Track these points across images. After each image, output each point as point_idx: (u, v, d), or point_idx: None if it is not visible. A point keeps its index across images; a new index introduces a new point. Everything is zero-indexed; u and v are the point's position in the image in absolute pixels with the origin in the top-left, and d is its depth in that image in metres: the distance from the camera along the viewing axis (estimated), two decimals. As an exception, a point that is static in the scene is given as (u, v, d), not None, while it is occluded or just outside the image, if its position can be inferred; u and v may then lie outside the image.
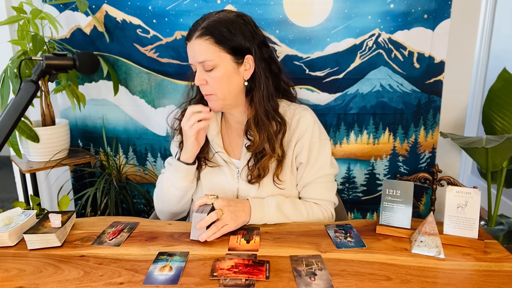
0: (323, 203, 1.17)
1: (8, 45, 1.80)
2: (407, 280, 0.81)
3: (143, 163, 1.97)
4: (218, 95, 1.07)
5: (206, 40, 1.02)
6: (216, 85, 1.05)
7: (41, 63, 1.02)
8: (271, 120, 1.10)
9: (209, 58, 1.02)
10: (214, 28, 1.02)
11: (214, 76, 1.04)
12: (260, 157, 1.11)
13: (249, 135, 1.13)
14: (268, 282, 0.80)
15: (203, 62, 1.03)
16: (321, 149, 1.15)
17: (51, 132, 1.70)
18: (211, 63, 1.03)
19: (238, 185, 1.16)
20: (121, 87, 1.87)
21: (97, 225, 1.09)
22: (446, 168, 1.83)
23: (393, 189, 1.02)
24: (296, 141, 1.13)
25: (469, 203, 0.96)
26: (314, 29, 1.70)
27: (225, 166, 1.16)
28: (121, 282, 0.82)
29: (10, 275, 0.85)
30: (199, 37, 1.03)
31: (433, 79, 1.73)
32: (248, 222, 1.06)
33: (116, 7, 1.75)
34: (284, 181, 1.14)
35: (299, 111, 1.15)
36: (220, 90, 1.06)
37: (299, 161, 1.15)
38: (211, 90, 1.07)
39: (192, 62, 1.07)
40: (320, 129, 1.16)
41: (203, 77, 1.05)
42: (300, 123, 1.13)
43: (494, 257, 0.90)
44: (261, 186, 1.13)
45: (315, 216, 1.14)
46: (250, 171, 1.12)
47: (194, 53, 1.04)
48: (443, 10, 1.65)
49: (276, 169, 1.12)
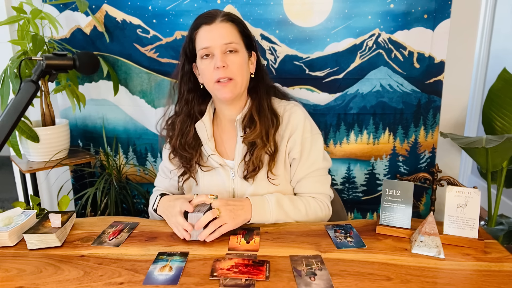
0: (319, 196, 1.17)
1: (8, 45, 1.80)
2: (407, 280, 0.81)
3: (143, 163, 1.97)
4: (237, 79, 1.08)
5: (232, 25, 1.08)
6: (237, 69, 1.07)
7: (41, 63, 1.02)
8: (270, 113, 1.14)
9: (234, 40, 1.07)
10: (236, 18, 1.09)
11: (236, 60, 1.07)
12: (253, 149, 1.12)
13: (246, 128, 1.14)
14: (268, 282, 0.80)
15: (230, 43, 1.05)
16: (313, 144, 1.16)
17: (51, 132, 1.70)
18: (236, 46, 1.07)
19: (233, 185, 1.17)
20: (121, 87, 1.87)
21: (97, 225, 1.09)
22: (446, 168, 1.83)
23: (393, 189, 1.02)
24: (288, 137, 1.15)
25: (469, 203, 0.96)
26: (314, 29, 1.70)
27: (220, 168, 1.17)
28: (121, 282, 0.82)
29: (10, 275, 0.85)
30: (225, 20, 1.06)
31: (433, 79, 1.73)
32: (249, 220, 1.06)
33: (116, 7, 1.75)
34: (278, 175, 1.15)
35: (290, 107, 1.17)
36: (240, 75, 1.08)
37: (292, 156, 1.16)
38: (231, 74, 1.06)
39: (213, 44, 1.05)
40: (311, 124, 1.18)
41: (225, 59, 1.06)
42: (291, 119, 1.15)
43: (494, 257, 0.90)
44: (255, 183, 1.14)
45: (312, 210, 1.14)
46: (246, 165, 1.13)
47: (220, 34, 1.05)
48: (443, 10, 1.65)
49: (269, 164, 1.13)
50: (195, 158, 1.17)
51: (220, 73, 1.05)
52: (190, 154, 1.17)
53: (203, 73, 1.10)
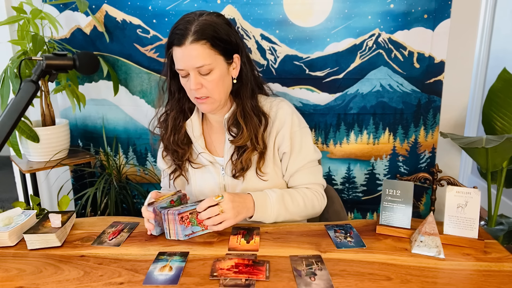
0: (313, 186, 1.19)
1: (8, 45, 1.80)
2: (407, 280, 0.81)
3: (143, 163, 1.97)
4: (215, 97, 1.08)
5: (203, 45, 1.00)
6: (213, 88, 1.06)
7: (41, 63, 1.02)
8: (255, 114, 1.13)
9: (207, 62, 1.02)
10: (207, 32, 1.01)
11: (211, 79, 1.04)
12: (242, 151, 1.12)
13: (231, 131, 1.14)
14: (268, 282, 0.80)
15: (201, 67, 1.02)
16: (303, 137, 1.17)
17: (51, 132, 1.70)
18: (209, 67, 1.02)
19: (224, 182, 1.18)
20: (121, 87, 1.87)
21: (97, 225, 1.09)
22: (446, 168, 1.83)
23: (393, 189, 1.02)
24: (276, 132, 1.15)
25: (469, 203, 0.96)
26: (314, 29, 1.70)
27: (210, 165, 1.18)
28: (121, 282, 0.82)
29: (10, 275, 0.85)
30: (194, 41, 0.99)
31: (433, 79, 1.73)
32: (250, 217, 1.06)
33: (116, 7, 1.75)
34: (267, 173, 1.15)
35: (276, 103, 1.17)
36: (217, 92, 1.07)
37: (282, 151, 1.16)
38: (207, 93, 1.06)
39: (185, 67, 1.02)
40: (298, 118, 1.18)
41: (199, 81, 1.04)
42: (278, 115, 1.15)
43: (494, 257, 0.90)
44: (245, 180, 1.15)
45: (309, 201, 1.15)
46: (234, 165, 1.14)
47: (190, 58, 1.01)
48: (443, 10, 1.65)
49: (258, 162, 1.14)
50: (187, 154, 1.18)
51: (197, 93, 1.06)
52: (183, 150, 1.18)
53: (184, 87, 1.10)
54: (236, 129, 1.14)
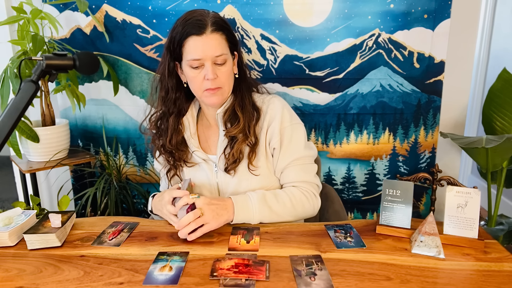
0: (302, 184, 1.16)
1: (8, 45, 1.80)
2: (407, 280, 0.81)
3: (143, 163, 1.97)
4: (226, 88, 1.11)
5: (221, 35, 1.06)
6: (226, 79, 1.09)
7: (41, 63, 1.02)
8: (251, 107, 1.15)
9: (224, 52, 1.07)
10: (223, 25, 1.07)
11: (225, 70, 1.08)
12: (234, 143, 1.14)
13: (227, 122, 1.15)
14: (268, 282, 0.80)
15: (220, 56, 1.05)
16: (294, 133, 1.16)
17: (51, 132, 1.70)
18: (225, 57, 1.07)
19: (217, 180, 1.19)
20: (121, 87, 1.87)
21: (97, 225, 1.09)
22: (446, 168, 1.83)
23: (393, 189, 1.02)
24: (267, 127, 1.16)
25: (469, 203, 0.96)
26: (314, 29, 1.70)
27: (203, 163, 1.19)
28: (121, 282, 0.82)
29: (10, 275, 0.85)
30: (215, 31, 1.04)
31: (433, 79, 1.73)
32: (232, 220, 1.06)
33: (116, 7, 1.76)
34: (259, 167, 1.15)
35: (268, 99, 1.18)
36: (228, 83, 1.11)
37: (272, 146, 1.17)
38: (220, 84, 1.09)
39: (203, 57, 1.04)
40: (290, 114, 1.18)
41: (216, 71, 1.07)
42: (269, 110, 1.16)
43: (494, 257, 0.90)
44: (237, 174, 1.15)
45: (298, 201, 1.13)
46: (226, 158, 1.14)
47: (211, 47, 1.04)
48: (443, 10, 1.65)
49: (250, 155, 1.14)
50: (184, 155, 1.19)
51: (210, 84, 1.07)
52: (182, 151, 1.19)
53: (191, 81, 1.10)
54: (230, 124, 1.15)
